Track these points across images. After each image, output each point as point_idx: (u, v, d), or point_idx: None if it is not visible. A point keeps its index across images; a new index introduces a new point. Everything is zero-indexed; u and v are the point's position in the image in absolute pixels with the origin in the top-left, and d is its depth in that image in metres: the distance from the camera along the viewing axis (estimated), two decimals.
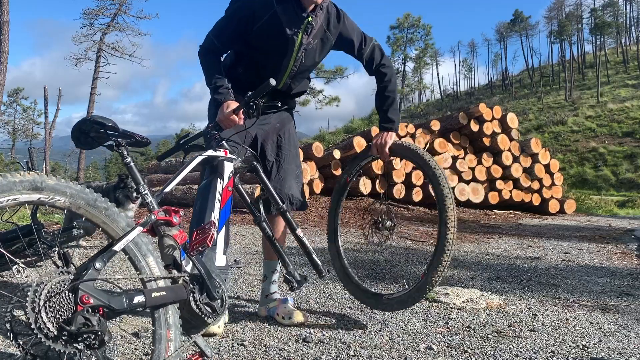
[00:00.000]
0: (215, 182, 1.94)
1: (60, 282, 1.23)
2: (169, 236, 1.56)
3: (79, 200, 1.33)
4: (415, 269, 3.70)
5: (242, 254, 4.17)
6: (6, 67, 10.11)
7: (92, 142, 1.54)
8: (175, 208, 1.61)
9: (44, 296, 1.18)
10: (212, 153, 1.95)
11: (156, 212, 1.54)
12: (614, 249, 5.29)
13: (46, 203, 1.27)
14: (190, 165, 1.80)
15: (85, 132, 1.50)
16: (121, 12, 24.26)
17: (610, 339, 2.14)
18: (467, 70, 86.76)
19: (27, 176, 1.23)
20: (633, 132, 43.91)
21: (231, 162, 2.02)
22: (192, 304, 1.56)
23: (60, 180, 1.30)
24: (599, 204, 15.42)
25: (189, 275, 1.58)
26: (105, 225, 1.40)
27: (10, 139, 45.97)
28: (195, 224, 1.89)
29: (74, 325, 1.20)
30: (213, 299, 1.63)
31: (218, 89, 2.13)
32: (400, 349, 1.96)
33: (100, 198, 1.39)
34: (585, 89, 60.30)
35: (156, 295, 1.42)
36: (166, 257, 1.56)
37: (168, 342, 1.47)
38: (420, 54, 59.71)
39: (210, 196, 1.91)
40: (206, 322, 1.61)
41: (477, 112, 9.64)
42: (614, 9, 70.24)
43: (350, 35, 2.32)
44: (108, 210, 1.40)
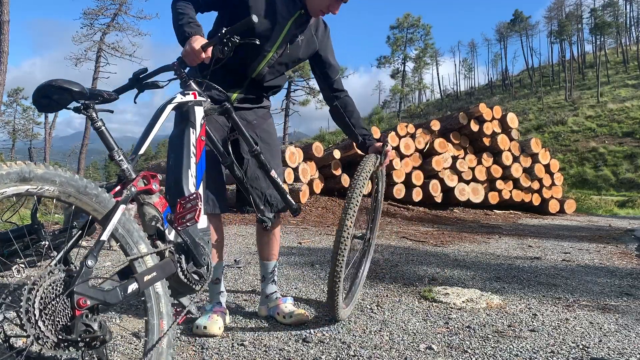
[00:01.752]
0: (188, 133, 1.76)
1: (53, 284, 1.18)
2: (150, 204, 1.50)
3: (69, 188, 1.25)
4: (415, 269, 3.70)
5: (242, 254, 4.17)
6: (6, 67, 10.12)
7: (56, 105, 1.40)
8: (153, 172, 1.53)
9: (39, 304, 1.13)
10: (181, 99, 1.77)
11: (135, 183, 1.46)
12: (614, 249, 5.29)
13: (34, 194, 1.19)
14: (161, 119, 1.66)
15: (48, 96, 1.37)
16: (121, 12, 24.29)
17: (610, 339, 2.14)
18: (467, 70, 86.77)
19: (14, 167, 1.15)
20: (633, 132, 43.91)
21: (201, 105, 1.84)
22: (179, 275, 1.52)
23: (49, 168, 1.22)
24: (599, 204, 15.43)
25: (174, 245, 1.54)
26: (96, 213, 1.33)
27: (10, 139, 45.93)
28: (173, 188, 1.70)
29: (75, 333, 1.17)
30: (200, 266, 1.61)
31: (190, 23, 1.93)
32: (400, 349, 1.96)
33: (90, 184, 1.30)
34: (585, 89, 60.31)
35: (148, 277, 1.39)
36: (149, 228, 1.50)
37: (162, 334, 1.45)
38: (420, 54, 59.73)
39: (184, 150, 1.73)
40: (194, 290, 1.59)
41: (477, 112, 9.64)
42: (614, 9, 70.22)
43: (329, 51, 2.33)
44: (99, 196, 1.32)
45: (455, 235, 6.07)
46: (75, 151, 26.61)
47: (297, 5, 2.12)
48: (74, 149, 28.24)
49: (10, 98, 44.92)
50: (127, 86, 1.80)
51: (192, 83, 1.86)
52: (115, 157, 1.46)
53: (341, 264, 2.04)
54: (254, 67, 2.18)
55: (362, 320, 2.36)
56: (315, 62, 2.36)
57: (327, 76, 2.37)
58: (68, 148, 31.94)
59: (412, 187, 9.02)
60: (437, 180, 9.12)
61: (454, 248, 4.97)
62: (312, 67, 2.41)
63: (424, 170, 9.17)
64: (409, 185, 9.04)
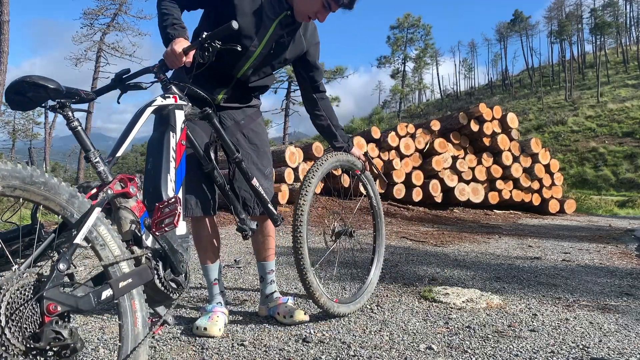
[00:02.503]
0: (168, 137, 1.71)
1: (21, 288, 1.11)
2: (126, 209, 1.45)
3: (12, 180, 1.14)
4: (415, 269, 3.70)
5: (242, 254, 4.17)
6: (6, 67, 10.12)
7: (30, 102, 1.33)
8: (130, 175, 1.48)
9: (5, 309, 1.06)
10: (162, 102, 1.73)
11: (112, 185, 1.40)
12: (614, 249, 5.29)
13: None
14: (140, 122, 1.61)
15: (21, 93, 1.30)
16: (121, 12, 24.29)
17: (610, 339, 2.14)
18: (467, 70, 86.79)
19: None
20: (633, 132, 43.92)
21: (182, 109, 1.80)
22: (156, 282, 1.47)
23: None
24: (599, 204, 15.43)
25: (151, 252, 1.48)
26: (47, 202, 1.23)
27: (10, 139, 45.89)
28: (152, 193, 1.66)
29: (43, 340, 1.09)
30: (178, 274, 1.56)
31: (174, 25, 1.90)
32: (400, 349, 1.96)
33: (36, 172, 1.19)
34: (585, 89, 60.31)
35: (123, 284, 1.32)
36: (125, 233, 1.44)
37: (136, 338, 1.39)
38: (420, 54, 59.74)
39: (164, 154, 1.68)
40: (171, 298, 1.54)
41: (477, 112, 9.64)
42: (614, 9, 70.24)
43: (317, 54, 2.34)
44: (47, 184, 1.22)
45: (455, 235, 6.07)
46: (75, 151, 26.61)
47: (283, 6, 2.10)
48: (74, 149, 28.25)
49: None
50: (109, 87, 1.77)
51: (172, 87, 1.82)
52: (92, 158, 1.42)
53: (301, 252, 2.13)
54: (239, 67, 2.15)
55: (362, 320, 2.36)
56: (301, 64, 2.34)
57: (313, 79, 2.37)
58: (68, 148, 31.94)
59: (412, 187, 9.02)
60: (437, 180, 9.12)
61: (454, 248, 4.97)
62: (296, 69, 2.38)
63: (424, 170, 9.17)
64: (409, 185, 9.04)
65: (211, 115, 2.01)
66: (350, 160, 2.44)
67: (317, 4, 2.03)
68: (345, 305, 2.34)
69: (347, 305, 2.35)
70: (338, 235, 2.44)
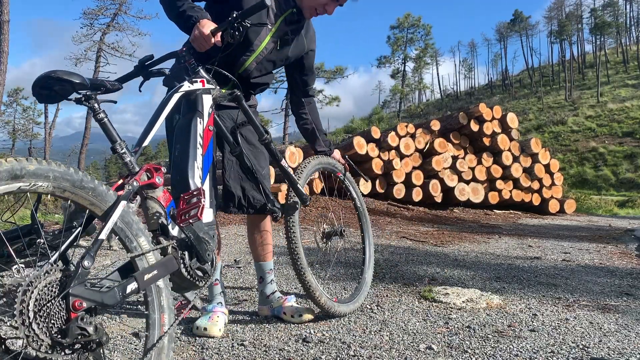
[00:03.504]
0: (195, 122, 1.69)
1: (49, 285, 1.14)
2: (153, 199, 1.45)
3: (63, 182, 1.20)
4: (415, 269, 3.70)
5: (242, 254, 4.17)
6: (6, 67, 10.12)
7: (56, 95, 1.36)
8: (156, 165, 1.49)
9: (33, 306, 1.09)
10: (189, 87, 1.70)
11: (138, 177, 1.40)
12: (614, 249, 5.29)
13: (27, 190, 1.15)
14: (168, 107, 1.60)
15: (48, 87, 1.33)
16: (121, 12, 24.28)
17: (610, 339, 2.14)
18: (467, 70, 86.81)
19: (5, 164, 1.10)
20: (633, 132, 43.93)
21: (209, 93, 1.78)
22: (182, 271, 1.48)
23: (42, 163, 1.16)
24: (599, 204, 15.44)
25: (177, 241, 1.49)
26: (93, 207, 1.29)
27: (10, 139, 45.91)
28: (178, 181, 1.64)
29: (69, 336, 1.13)
30: (204, 262, 1.56)
31: (192, 7, 1.85)
32: (400, 349, 1.96)
33: (86, 178, 1.26)
34: (585, 89, 60.32)
35: (148, 276, 1.34)
36: (152, 223, 1.46)
37: (162, 328, 1.42)
38: (420, 54, 59.75)
39: (191, 141, 1.66)
40: (197, 286, 1.55)
41: (477, 112, 9.64)
42: (614, 9, 70.24)
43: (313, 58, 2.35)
44: (95, 190, 1.27)
45: (455, 235, 6.07)
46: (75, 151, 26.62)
47: (289, 3, 2.10)
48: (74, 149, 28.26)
49: (10, 98, 44.90)
50: (132, 74, 1.75)
51: (200, 70, 1.80)
52: (118, 149, 1.42)
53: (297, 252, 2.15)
54: (241, 62, 2.12)
55: (362, 320, 2.36)
56: (297, 66, 2.33)
57: (305, 83, 2.37)
58: (68, 148, 31.95)
59: (412, 187, 9.01)
60: (437, 180, 9.12)
61: (454, 248, 4.97)
62: (290, 70, 2.36)
63: (424, 170, 9.17)
64: (409, 185, 9.04)
65: (239, 97, 1.96)
66: (331, 163, 2.48)
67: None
68: (345, 304, 2.34)
69: (347, 305, 2.35)
70: (329, 237, 2.45)
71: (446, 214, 8.93)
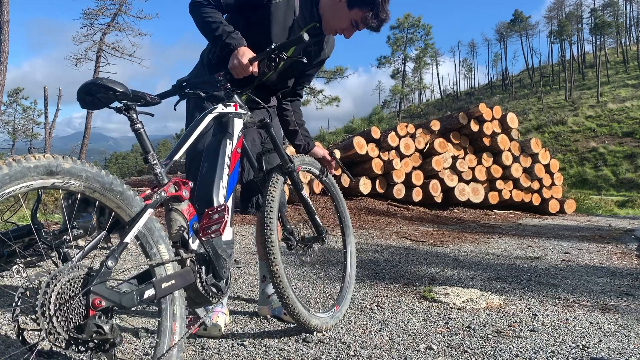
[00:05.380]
0: (225, 144, 1.77)
1: (72, 280, 1.16)
2: (177, 211, 1.50)
3: (95, 183, 1.25)
4: (415, 269, 3.70)
5: (242, 254, 4.17)
6: (6, 67, 10.12)
7: (99, 102, 1.42)
8: (185, 179, 1.53)
9: (55, 299, 1.11)
10: (222, 109, 1.78)
11: (166, 188, 1.45)
12: (614, 249, 5.29)
13: (60, 187, 1.19)
14: (201, 127, 1.66)
15: (92, 94, 1.40)
16: (121, 12, 24.25)
17: (610, 339, 2.14)
18: (467, 70, 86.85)
19: (43, 160, 1.13)
20: (633, 132, 43.94)
21: (241, 117, 1.86)
22: (198, 286, 1.51)
23: (76, 162, 1.21)
24: (599, 204, 15.43)
25: (195, 255, 1.53)
26: (119, 210, 1.33)
27: (10, 139, 45.94)
28: (202, 198, 1.70)
29: (85, 333, 1.15)
30: (219, 279, 1.59)
31: (230, 34, 1.91)
32: (400, 349, 1.96)
33: (116, 181, 1.31)
34: (585, 89, 60.34)
35: (165, 285, 1.38)
36: (174, 236, 1.50)
37: (173, 336, 1.44)
38: (420, 54, 59.78)
39: (219, 160, 1.74)
40: (210, 302, 1.58)
41: (477, 112, 9.64)
42: (614, 9, 70.27)
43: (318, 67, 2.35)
44: (123, 194, 1.32)
45: (455, 235, 6.07)
46: (75, 151, 26.60)
47: (313, 17, 2.11)
48: (73, 149, 28.24)
49: (10, 98, 44.94)
50: (170, 92, 1.84)
51: (235, 95, 1.88)
52: (150, 160, 1.46)
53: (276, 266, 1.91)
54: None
55: (362, 320, 2.35)
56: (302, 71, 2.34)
57: (300, 85, 2.38)
58: (68, 148, 31.95)
59: (412, 187, 9.02)
60: (437, 180, 9.12)
61: (454, 248, 4.97)
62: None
63: (424, 170, 9.17)
64: (409, 185, 9.04)
65: (269, 125, 2.04)
66: (307, 162, 2.30)
67: (346, 22, 2.06)
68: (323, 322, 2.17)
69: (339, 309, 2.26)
70: (308, 242, 2.25)
71: (446, 214, 8.93)
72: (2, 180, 1.05)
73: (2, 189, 1.06)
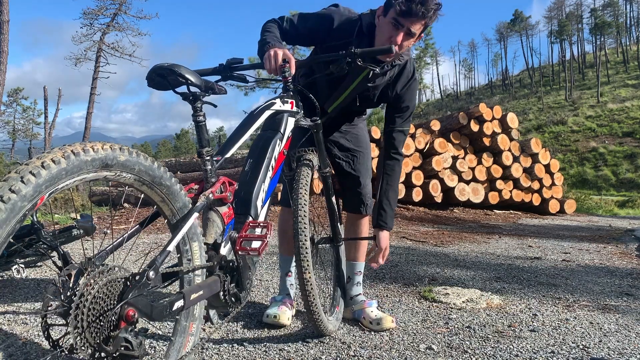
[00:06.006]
0: (274, 144, 1.68)
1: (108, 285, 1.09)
2: (217, 212, 1.44)
3: (145, 176, 1.22)
4: (415, 269, 3.70)
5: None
6: (6, 67, 10.12)
7: (166, 84, 1.38)
8: (232, 180, 1.47)
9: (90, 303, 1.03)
10: (280, 106, 1.71)
11: (214, 190, 1.41)
12: (614, 249, 5.29)
13: (111, 179, 1.15)
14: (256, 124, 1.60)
15: (162, 75, 1.36)
16: (121, 12, 24.24)
17: (610, 339, 2.14)
18: (467, 70, 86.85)
19: (101, 152, 1.09)
20: (633, 132, 43.94)
21: (294, 117, 1.78)
22: (219, 294, 1.45)
23: (132, 155, 1.17)
24: (599, 204, 15.43)
25: (224, 261, 1.47)
26: (162, 204, 1.30)
27: (10, 139, 45.99)
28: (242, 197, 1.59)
29: (113, 345, 1.07)
30: (242, 289, 1.54)
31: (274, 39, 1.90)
32: (400, 349, 1.96)
33: (166, 175, 1.27)
34: (585, 89, 60.35)
35: (194, 296, 1.32)
36: (209, 237, 1.44)
37: (189, 337, 1.42)
38: (420, 54, 59.71)
39: (265, 161, 1.64)
40: (227, 310, 1.52)
41: (477, 112, 9.64)
42: (614, 9, 70.28)
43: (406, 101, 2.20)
44: (170, 188, 1.29)
45: (455, 235, 6.07)
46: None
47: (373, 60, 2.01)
48: None
49: (10, 98, 44.95)
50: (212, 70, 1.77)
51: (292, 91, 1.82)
52: (204, 155, 1.43)
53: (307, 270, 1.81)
54: (329, 103, 2.17)
55: None
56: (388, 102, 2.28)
57: (393, 120, 2.24)
58: None
59: (412, 187, 9.01)
60: (437, 180, 9.12)
61: (454, 248, 4.97)
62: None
63: (424, 170, 9.17)
64: (409, 185, 9.03)
65: (319, 126, 1.99)
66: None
67: (388, 28, 1.94)
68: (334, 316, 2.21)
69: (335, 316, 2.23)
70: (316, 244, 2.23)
71: (446, 214, 8.93)
72: (58, 175, 1.01)
73: (57, 184, 1.01)
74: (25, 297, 2.53)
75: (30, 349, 1.81)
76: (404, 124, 2.23)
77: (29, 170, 0.97)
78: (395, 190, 2.24)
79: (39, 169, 0.98)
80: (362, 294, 2.38)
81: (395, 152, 2.22)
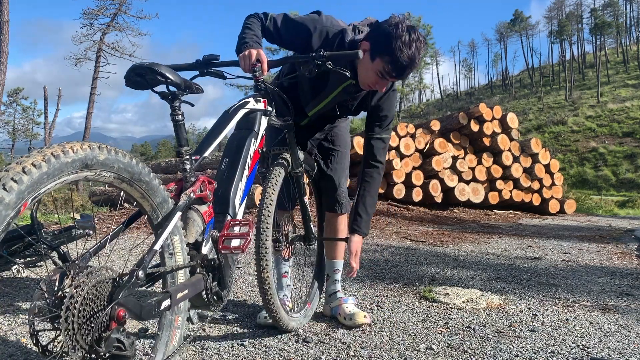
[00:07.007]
0: (249, 142, 1.69)
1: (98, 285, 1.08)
2: (198, 212, 1.45)
3: (125, 173, 1.21)
4: (415, 269, 3.70)
5: (242, 253, 4.17)
6: (6, 67, 10.12)
7: (144, 84, 1.37)
8: (211, 179, 1.47)
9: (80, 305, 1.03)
10: (253, 105, 1.72)
11: (195, 189, 1.42)
12: (614, 249, 5.29)
13: (91, 179, 1.15)
14: (232, 123, 1.61)
15: (141, 75, 1.35)
16: (121, 12, 24.26)
17: (610, 339, 2.14)
18: (467, 70, 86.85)
19: (80, 153, 1.07)
20: (633, 132, 43.94)
21: (267, 115, 1.79)
22: (202, 293, 1.47)
23: (110, 153, 1.16)
24: (599, 204, 15.44)
25: (205, 260, 1.48)
26: (142, 200, 1.30)
27: (10, 139, 45.99)
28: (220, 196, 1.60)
29: (105, 347, 1.07)
30: (223, 288, 1.55)
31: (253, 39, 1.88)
32: (400, 349, 1.96)
33: (144, 170, 1.27)
34: (585, 89, 60.35)
35: (180, 295, 1.34)
36: (191, 236, 1.45)
37: (175, 330, 1.43)
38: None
39: (241, 160, 1.66)
40: (208, 309, 1.54)
41: (477, 112, 9.64)
42: (614, 9, 70.28)
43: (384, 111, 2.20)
44: (149, 184, 1.29)
45: (455, 235, 6.07)
46: None
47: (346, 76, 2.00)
48: None
49: (10, 98, 44.96)
50: (189, 66, 1.76)
51: (265, 90, 1.82)
52: (183, 154, 1.43)
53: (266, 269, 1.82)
54: (309, 107, 2.18)
55: None
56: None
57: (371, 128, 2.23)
58: None
59: (412, 187, 9.01)
60: (437, 180, 9.12)
61: (454, 248, 4.97)
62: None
63: (424, 170, 9.17)
64: (409, 185, 9.03)
65: (291, 126, 1.99)
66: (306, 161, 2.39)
67: (372, 75, 1.93)
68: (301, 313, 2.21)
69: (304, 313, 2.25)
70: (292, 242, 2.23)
71: (446, 214, 8.93)
72: (40, 179, 0.99)
73: (39, 189, 0.99)
74: (25, 297, 2.53)
75: (30, 349, 1.81)
76: (383, 132, 2.23)
77: (11, 177, 0.94)
78: (373, 197, 2.25)
79: (20, 174, 0.95)
80: (340, 291, 2.40)
81: (374, 160, 2.24)
